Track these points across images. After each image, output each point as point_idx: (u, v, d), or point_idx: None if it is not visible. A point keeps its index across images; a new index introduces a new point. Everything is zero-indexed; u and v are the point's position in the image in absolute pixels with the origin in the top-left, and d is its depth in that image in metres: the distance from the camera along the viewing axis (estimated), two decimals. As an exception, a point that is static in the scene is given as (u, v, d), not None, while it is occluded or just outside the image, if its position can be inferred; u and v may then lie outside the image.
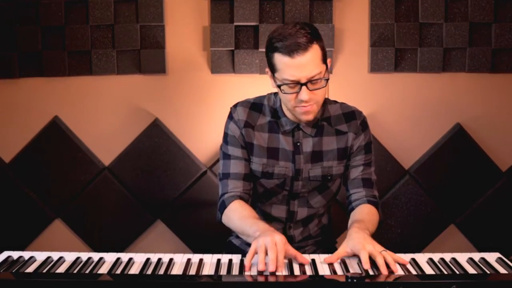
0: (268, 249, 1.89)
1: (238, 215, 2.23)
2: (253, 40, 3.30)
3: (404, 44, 3.30)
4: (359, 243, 1.97)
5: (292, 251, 1.97)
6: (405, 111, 3.37)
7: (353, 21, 3.31)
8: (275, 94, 2.37)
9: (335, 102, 2.42)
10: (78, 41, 3.29)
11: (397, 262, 1.94)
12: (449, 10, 3.28)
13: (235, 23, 3.26)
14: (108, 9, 3.26)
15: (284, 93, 2.13)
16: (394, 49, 3.30)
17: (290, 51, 2.04)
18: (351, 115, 2.38)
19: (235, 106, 2.38)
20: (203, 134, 3.37)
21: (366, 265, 1.88)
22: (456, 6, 3.28)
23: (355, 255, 1.99)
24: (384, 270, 1.85)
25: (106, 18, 3.27)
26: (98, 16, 3.27)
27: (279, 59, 2.08)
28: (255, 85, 3.29)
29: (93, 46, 3.30)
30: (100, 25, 3.28)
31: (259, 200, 2.43)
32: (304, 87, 2.08)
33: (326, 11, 3.27)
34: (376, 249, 1.94)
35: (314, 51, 2.07)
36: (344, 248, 2.02)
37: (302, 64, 2.05)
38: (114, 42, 3.30)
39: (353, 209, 2.35)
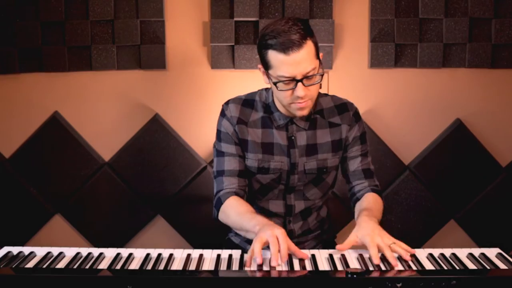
0: (269, 243, 1.90)
1: (235, 211, 2.23)
2: (253, 35, 3.29)
3: (404, 39, 3.30)
4: (368, 235, 1.98)
5: (292, 245, 1.97)
6: (405, 106, 3.37)
7: (353, 16, 3.31)
8: (267, 89, 2.37)
9: (326, 94, 2.43)
10: (78, 37, 3.29)
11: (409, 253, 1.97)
12: (449, 5, 3.28)
13: (235, 19, 3.26)
14: (108, 4, 3.26)
15: (279, 90, 2.13)
16: (394, 45, 3.30)
17: (285, 48, 2.03)
18: (343, 107, 2.38)
19: (227, 103, 2.38)
20: (203, 129, 3.37)
21: (376, 260, 1.90)
22: (456, 2, 3.27)
23: (364, 246, 2.01)
24: (393, 262, 1.88)
25: (106, 14, 3.27)
26: (98, 11, 3.27)
27: (274, 56, 2.08)
28: (255, 81, 3.27)
29: (93, 42, 3.30)
30: (100, 20, 3.28)
31: (255, 196, 2.43)
32: (299, 84, 2.08)
33: (326, 7, 3.27)
34: (384, 241, 1.96)
35: (308, 47, 2.06)
36: (353, 237, 2.03)
37: (297, 60, 2.05)
38: (114, 37, 3.30)
39: (357, 199, 2.36)
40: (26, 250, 2.05)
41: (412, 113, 3.38)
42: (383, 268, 1.88)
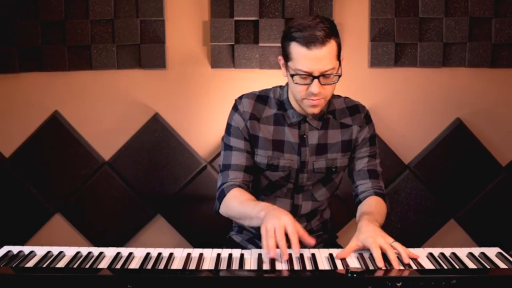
0: (277, 237, 1.89)
1: (238, 201, 2.23)
2: (253, 35, 3.29)
3: (404, 38, 3.30)
4: (370, 237, 1.96)
5: (300, 229, 1.97)
6: (405, 106, 3.37)
7: (353, 15, 3.31)
8: (281, 86, 2.38)
9: (339, 96, 2.44)
10: (78, 36, 3.29)
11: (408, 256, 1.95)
12: (449, 4, 3.28)
13: (235, 18, 3.26)
14: (108, 3, 3.26)
15: (295, 83, 2.14)
16: (394, 44, 3.30)
17: (308, 42, 2.05)
18: (355, 109, 2.40)
19: (240, 98, 2.38)
20: (203, 128, 3.37)
21: (380, 263, 1.88)
22: (456, 1, 3.27)
23: (367, 249, 1.99)
24: (396, 265, 1.86)
25: (106, 13, 3.27)
26: (98, 10, 3.27)
27: (296, 49, 2.09)
28: (255, 80, 3.29)
29: (93, 41, 3.30)
30: (100, 19, 3.28)
31: (263, 193, 2.43)
32: (315, 80, 2.09)
33: (326, 6, 3.26)
34: (386, 241, 1.94)
35: (331, 46, 2.08)
36: (355, 242, 2.01)
37: (317, 57, 2.06)
38: (114, 37, 3.30)
39: (360, 201, 2.35)
40: (26, 249, 2.05)
41: (412, 113, 3.38)
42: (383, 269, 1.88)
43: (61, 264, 1.94)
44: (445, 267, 1.88)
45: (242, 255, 2.00)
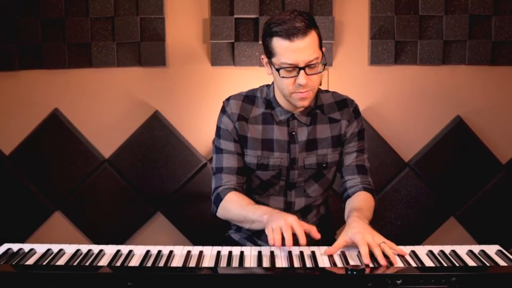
0: (283, 231, 1.92)
1: (237, 204, 2.25)
2: (253, 32, 3.29)
3: (404, 36, 3.30)
4: (359, 233, 1.97)
5: (306, 225, 1.99)
6: (405, 103, 3.37)
7: (353, 13, 3.31)
8: (268, 85, 2.38)
9: (327, 91, 2.44)
10: (78, 34, 3.29)
11: (396, 253, 1.94)
12: (449, 2, 3.28)
13: (235, 16, 3.26)
14: (108, 1, 3.26)
15: (282, 77, 2.15)
16: (394, 42, 3.30)
17: (290, 35, 2.07)
18: (343, 103, 2.40)
19: (228, 99, 2.39)
20: (203, 126, 3.37)
21: (366, 259, 1.88)
22: (457, -1, 3.28)
23: (355, 245, 1.99)
24: (382, 261, 1.85)
25: (106, 11, 3.27)
26: (98, 8, 3.27)
27: (278, 43, 2.10)
28: (255, 78, 3.28)
29: (93, 39, 3.30)
30: (100, 17, 3.28)
31: (256, 192, 2.44)
32: (302, 71, 2.10)
33: (326, 4, 3.26)
34: (375, 240, 1.94)
35: (312, 36, 2.10)
36: (343, 238, 2.01)
37: (300, 48, 2.08)
38: (114, 34, 3.30)
39: (348, 196, 2.36)
40: (26, 247, 2.05)
41: (412, 110, 3.38)
42: (371, 266, 1.88)
43: (61, 261, 1.94)
44: (445, 265, 1.88)
45: (242, 252, 2.00)
